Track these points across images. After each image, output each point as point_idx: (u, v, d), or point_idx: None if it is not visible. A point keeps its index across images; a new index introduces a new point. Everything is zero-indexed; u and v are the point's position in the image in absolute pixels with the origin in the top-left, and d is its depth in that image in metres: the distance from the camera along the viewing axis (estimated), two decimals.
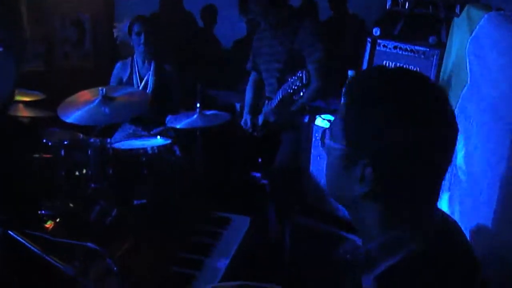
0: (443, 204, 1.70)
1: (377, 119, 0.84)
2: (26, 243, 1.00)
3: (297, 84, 2.49)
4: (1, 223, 1.11)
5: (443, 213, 0.97)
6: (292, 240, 2.50)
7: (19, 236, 1.05)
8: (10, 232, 1.08)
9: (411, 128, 0.83)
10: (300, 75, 2.47)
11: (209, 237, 1.95)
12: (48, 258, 1.00)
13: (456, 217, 1.56)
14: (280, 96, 2.72)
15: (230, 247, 1.90)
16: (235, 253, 1.86)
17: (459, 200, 1.64)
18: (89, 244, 1.08)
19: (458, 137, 0.89)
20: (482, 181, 1.45)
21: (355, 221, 0.97)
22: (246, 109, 3.19)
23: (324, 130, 0.99)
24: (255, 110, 3.16)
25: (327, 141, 0.96)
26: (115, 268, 1.03)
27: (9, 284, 1.15)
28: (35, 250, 0.99)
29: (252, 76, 3.28)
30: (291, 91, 2.56)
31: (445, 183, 1.42)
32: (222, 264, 1.77)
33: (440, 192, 0.91)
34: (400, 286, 0.85)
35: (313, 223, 2.44)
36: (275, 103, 2.80)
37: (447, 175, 0.98)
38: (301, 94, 2.55)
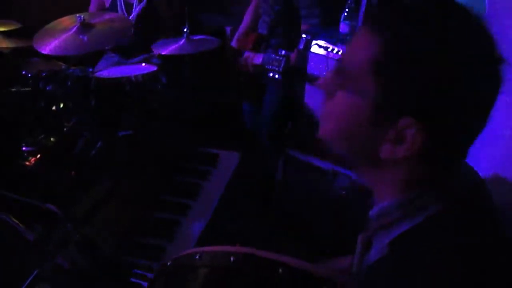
0: None
1: (438, 63, 0.62)
2: None
3: (274, 67, 2.44)
4: None
5: (471, 168, 0.80)
6: (284, 174, 2.44)
7: None
8: None
9: (478, 75, 0.64)
10: (279, 58, 2.40)
11: (196, 176, 1.88)
12: (7, 218, 0.88)
13: None
14: (260, 61, 2.60)
15: (218, 187, 1.82)
16: (223, 194, 1.79)
17: None
18: (48, 205, 0.96)
19: None
20: None
21: (367, 179, 0.81)
22: (240, 30, 2.95)
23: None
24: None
25: (334, 85, 0.75)
26: (76, 236, 0.93)
27: None
28: None
29: (254, 2, 2.97)
30: (269, 67, 2.49)
31: None
32: (209, 208, 1.70)
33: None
34: (420, 255, 0.68)
35: (306, 157, 2.37)
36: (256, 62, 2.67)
37: None
38: (276, 76, 2.48)
